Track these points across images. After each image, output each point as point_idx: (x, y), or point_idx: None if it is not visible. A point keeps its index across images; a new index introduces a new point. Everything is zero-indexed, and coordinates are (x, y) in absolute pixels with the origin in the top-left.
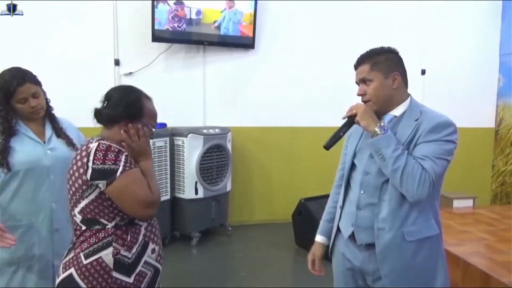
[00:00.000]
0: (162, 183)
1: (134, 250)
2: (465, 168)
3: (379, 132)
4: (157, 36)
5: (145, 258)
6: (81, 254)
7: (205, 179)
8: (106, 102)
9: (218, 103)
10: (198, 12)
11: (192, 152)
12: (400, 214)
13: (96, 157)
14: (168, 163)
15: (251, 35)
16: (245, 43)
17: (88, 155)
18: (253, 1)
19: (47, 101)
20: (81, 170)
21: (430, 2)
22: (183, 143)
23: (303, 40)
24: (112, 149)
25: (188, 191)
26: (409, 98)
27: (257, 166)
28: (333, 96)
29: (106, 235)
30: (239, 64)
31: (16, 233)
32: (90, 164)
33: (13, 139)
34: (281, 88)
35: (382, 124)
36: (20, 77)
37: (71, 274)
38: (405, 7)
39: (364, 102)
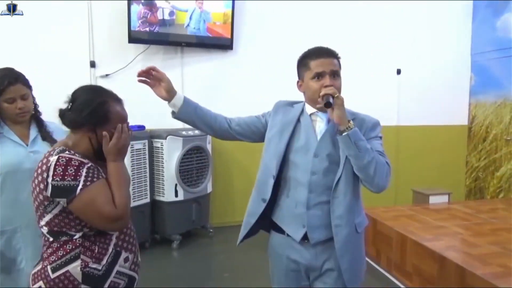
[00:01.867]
0: (141, 186)
1: (104, 262)
2: (440, 165)
3: (352, 126)
4: (134, 37)
5: (116, 268)
6: (49, 268)
7: (185, 181)
8: (70, 104)
9: None
10: (171, 13)
11: (171, 154)
12: (353, 209)
13: (55, 173)
14: (147, 165)
15: (229, 36)
16: (223, 44)
17: (47, 170)
18: (230, 1)
19: (35, 105)
20: (41, 186)
21: (404, 2)
22: (162, 145)
23: (281, 41)
24: (73, 162)
25: (168, 194)
26: None
27: (238, 166)
28: None
29: (73, 247)
30: (218, 65)
31: (2, 239)
32: (50, 180)
33: None
34: (260, 89)
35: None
36: (12, 77)
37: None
38: (379, 9)
39: None
